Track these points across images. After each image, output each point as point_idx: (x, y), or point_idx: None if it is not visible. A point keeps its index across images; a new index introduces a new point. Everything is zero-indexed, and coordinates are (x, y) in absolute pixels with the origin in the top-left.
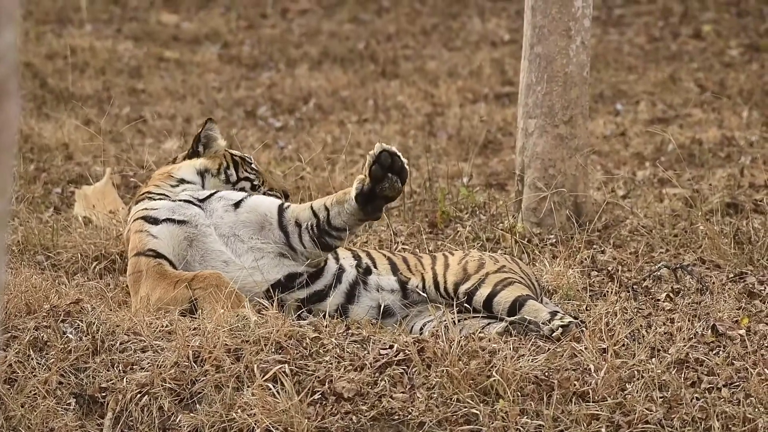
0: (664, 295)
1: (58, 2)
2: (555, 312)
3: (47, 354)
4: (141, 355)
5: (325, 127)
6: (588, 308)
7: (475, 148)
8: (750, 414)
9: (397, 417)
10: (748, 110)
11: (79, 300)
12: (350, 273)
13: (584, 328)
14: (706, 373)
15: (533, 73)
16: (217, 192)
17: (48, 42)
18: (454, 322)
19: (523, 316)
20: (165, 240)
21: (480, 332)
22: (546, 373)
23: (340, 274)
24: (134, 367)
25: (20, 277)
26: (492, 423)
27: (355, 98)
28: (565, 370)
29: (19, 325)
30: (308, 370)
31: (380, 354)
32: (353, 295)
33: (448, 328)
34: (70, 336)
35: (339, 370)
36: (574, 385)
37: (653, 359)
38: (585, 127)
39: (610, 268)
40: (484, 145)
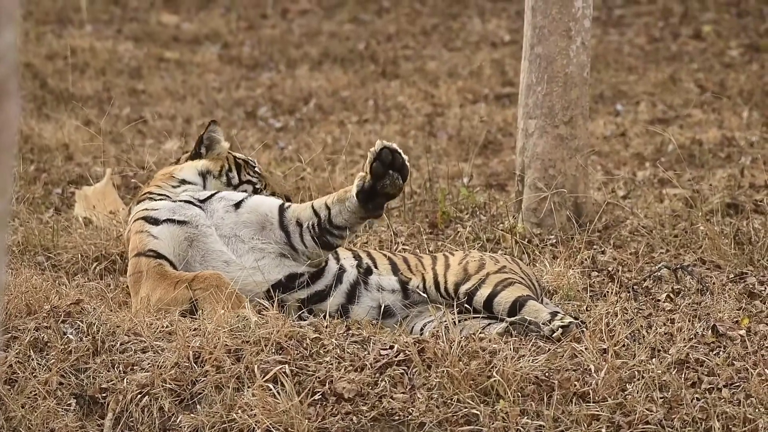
0: (664, 295)
1: (59, 2)
2: (555, 312)
3: (48, 354)
4: (141, 355)
5: (325, 128)
6: (588, 309)
7: (476, 149)
8: (750, 414)
9: (397, 417)
10: (748, 110)
11: (80, 300)
12: (351, 273)
13: (584, 329)
14: (706, 373)
15: (533, 73)
16: (217, 192)
17: (48, 42)
18: (454, 322)
19: (524, 316)
20: (165, 240)
21: (480, 333)
22: (546, 374)
23: (340, 274)
24: (135, 367)
25: (21, 277)
26: (492, 423)
27: (356, 98)
28: (566, 370)
29: (19, 325)
30: (309, 370)
31: (381, 354)
32: (354, 295)
33: (448, 328)
34: (71, 336)
35: (339, 370)
36: (575, 385)
37: (654, 360)
38: (585, 128)
39: (610, 268)
40: (485, 145)
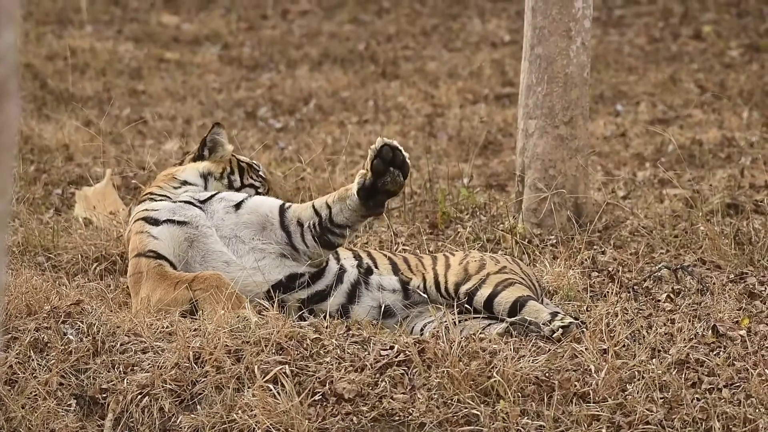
0: (664, 295)
1: (59, 3)
2: (555, 313)
3: (48, 355)
4: (141, 356)
5: (325, 128)
6: (588, 309)
7: (476, 149)
8: (751, 415)
9: (397, 418)
10: (749, 111)
11: (80, 301)
12: (351, 273)
13: (585, 329)
14: (706, 373)
15: (533, 73)
16: (217, 193)
17: (48, 43)
18: (454, 322)
19: (524, 316)
20: (165, 241)
21: (480, 333)
22: (547, 374)
23: (341, 274)
24: (135, 368)
25: (21, 278)
26: (493, 424)
27: (356, 99)
28: (566, 370)
29: (19, 326)
30: (309, 371)
31: (381, 355)
32: (355, 294)
33: (448, 328)
34: (71, 337)
35: (339, 371)
36: (575, 385)
37: (654, 360)
38: (585, 128)
39: (610, 268)
40: (485, 145)
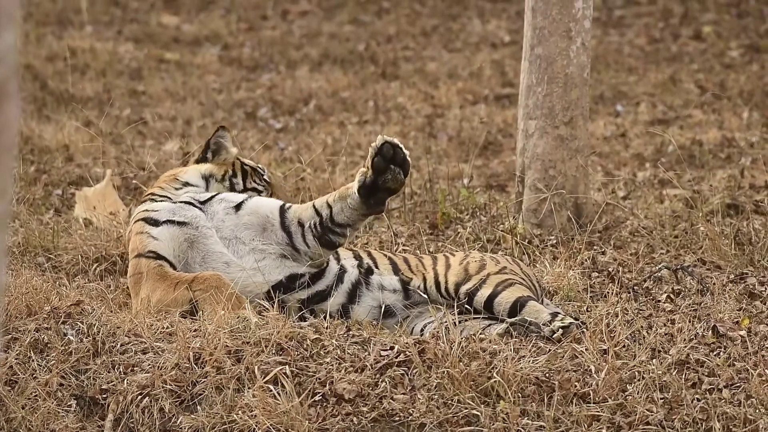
0: (664, 296)
1: (59, 4)
2: (556, 313)
3: (48, 356)
4: (142, 356)
5: (325, 129)
6: (588, 309)
7: (476, 150)
8: (751, 415)
9: (397, 418)
10: (749, 111)
11: (80, 302)
12: (352, 273)
13: (585, 329)
14: (706, 374)
15: (533, 74)
16: (218, 194)
17: (48, 44)
18: (454, 323)
19: (524, 317)
20: (165, 241)
21: (481, 333)
22: (547, 375)
23: (341, 274)
24: (135, 368)
25: (21, 278)
26: (493, 424)
27: (356, 99)
28: (566, 371)
29: (19, 326)
30: (309, 371)
31: (381, 355)
32: (355, 294)
33: (448, 329)
34: (71, 338)
35: (340, 371)
36: (575, 386)
37: (654, 360)
38: (585, 129)
39: (610, 269)
40: (485, 146)
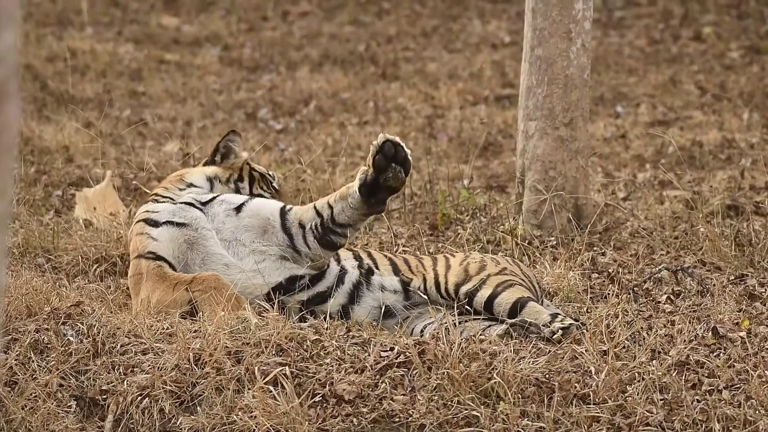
0: (664, 297)
1: (59, 4)
2: (556, 314)
3: (48, 356)
4: (142, 357)
5: (325, 129)
6: (588, 310)
7: (476, 151)
8: (751, 416)
9: (397, 419)
10: (749, 112)
11: (80, 302)
12: (353, 273)
13: (585, 331)
14: (706, 375)
15: (534, 75)
16: (219, 195)
17: (48, 44)
18: (454, 324)
19: (524, 318)
20: (165, 242)
21: (481, 334)
22: (547, 376)
23: (342, 275)
24: (135, 369)
25: (21, 279)
26: (493, 425)
27: (356, 100)
28: (566, 372)
29: (19, 327)
30: (309, 372)
31: (381, 356)
32: (356, 295)
33: (448, 330)
34: (71, 338)
35: (340, 372)
36: (575, 387)
37: (654, 361)
38: (585, 130)
39: (610, 270)
40: (485, 147)
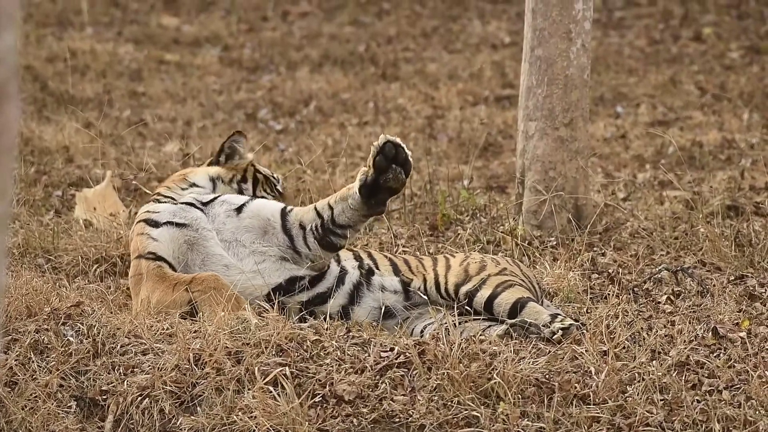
0: (664, 297)
1: (59, 5)
2: (556, 314)
3: (48, 357)
4: (142, 357)
5: (325, 130)
6: (588, 311)
7: (476, 151)
8: (751, 416)
9: (397, 420)
10: (749, 113)
11: (80, 303)
12: (353, 274)
13: (585, 331)
14: (706, 375)
15: (534, 75)
16: (220, 195)
17: (48, 45)
18: (454, 324)
19: (524, 318)
20: (165, 243)
21: (481, 334)
22: (547, 376)
23: (342, 275)
24: (135, 369)
25: (21, 280)
26: (493, 426)
27: (356, 101)
28: (566, 372)
29: (19, 328)
30: (309, 372)
31: (381, 356)
32: (356, 295)
33: (448, 330)
34: (71, 339)
35: (340, 372)
36: (575, 387)
37: (654, 362)
38: (585, 130)
39: (610, 270)
40: (485, 147)
